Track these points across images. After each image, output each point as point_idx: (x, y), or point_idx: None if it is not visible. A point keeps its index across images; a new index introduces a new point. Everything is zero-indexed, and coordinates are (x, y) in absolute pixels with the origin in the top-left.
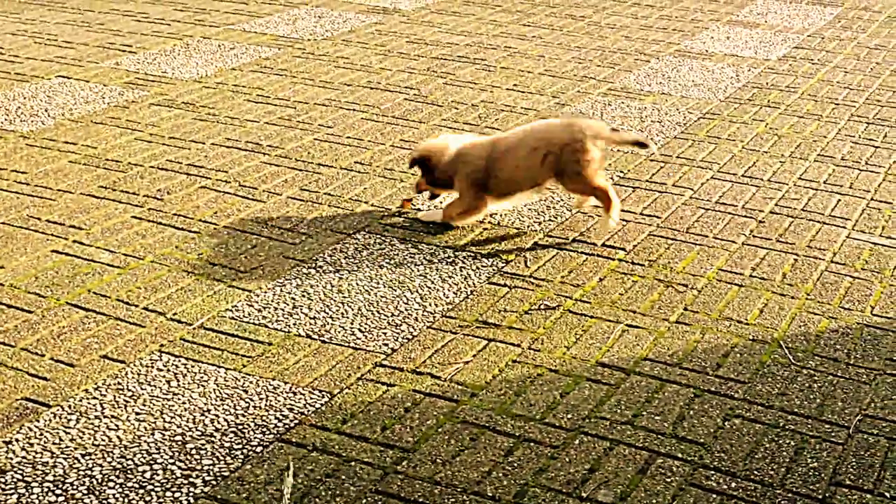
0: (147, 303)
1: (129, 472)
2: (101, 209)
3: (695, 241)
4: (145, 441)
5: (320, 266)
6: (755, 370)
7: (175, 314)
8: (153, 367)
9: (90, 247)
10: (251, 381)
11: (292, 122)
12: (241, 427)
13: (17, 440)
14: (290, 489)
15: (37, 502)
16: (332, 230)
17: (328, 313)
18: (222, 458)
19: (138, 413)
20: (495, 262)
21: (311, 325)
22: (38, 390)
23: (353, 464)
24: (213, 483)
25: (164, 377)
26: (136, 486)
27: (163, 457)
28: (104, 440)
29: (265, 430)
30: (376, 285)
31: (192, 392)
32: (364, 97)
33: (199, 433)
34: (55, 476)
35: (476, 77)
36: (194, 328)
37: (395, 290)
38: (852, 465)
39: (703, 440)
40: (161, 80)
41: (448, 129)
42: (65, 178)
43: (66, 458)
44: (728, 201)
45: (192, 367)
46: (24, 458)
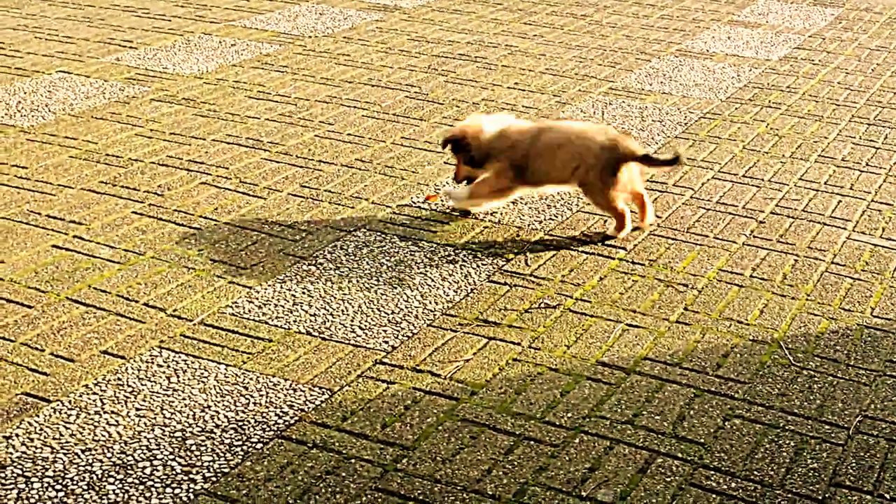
0: (147, 298)
1: (129, 467)
2: (101, 204)
3: (695, 241)
4: (145, 437)
5: (320, 263)
6: (755, 370)
7: (175, 310)
8: (153, 363)
9: (90, 242)
10: (251, 378)
11: (293, 118)
12: (241, 424)
13: (17, 435)
14: None
15: (37, 497)
16: (332, 227)
17: (328, 310)
18: (222, 454)
19: (138, 409)
20: (496, 261)
21: (311, 321)
22: (37, 385)
23: (353, 461)
24: (213, 479)
25: (165, 373)
26: (136, 481)
27: (163, 453)
28: (104, 436)
29: (265, 426)
30: (377, 283)
31: (193, 388)
32: (365, 94)
33: (199, 429)
34: (55, 471)
35: (477, 75)
36: (194, 324)
37: (396, 288)
38: (852, 466)
39: (703, 440)
40: (162, 76)
41: (449, 127)
42: (65, 174)
43: (65, 454)
44: (729, 201)
45: (193, 363)
46: (23, 453)
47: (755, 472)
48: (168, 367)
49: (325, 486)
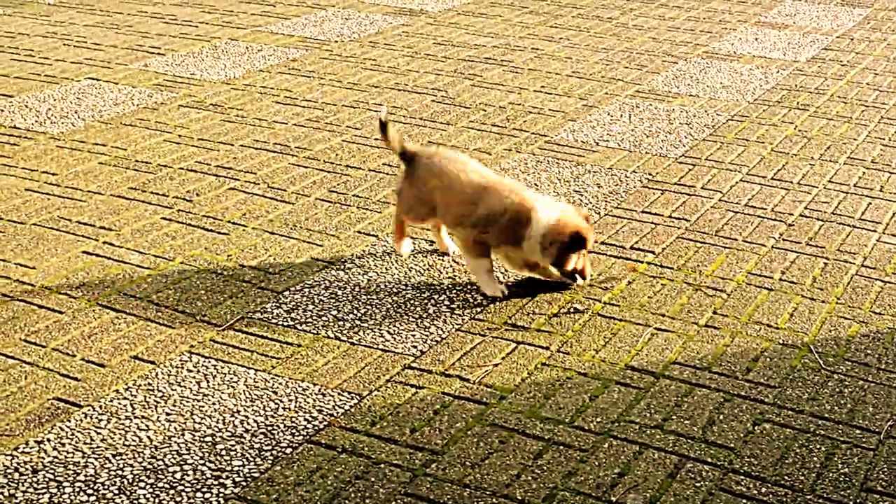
0: (177, 304)
1: (160, 472)
2: (130, 210)
3: (724, 244)
4: (176, 442)
5: (349, 268)
6: (785, 375)
7: (204, 315)
8: (183, 367)
9: (120, 248)
10: (280, 383)
11: (320, 123)
12: (270, 428)
13: (49, 440)
14: None
15: (68, 502)
16: (360, 232)
17: (357, 315)
18: (252, 459)
19: (168, 414)
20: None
21: (339, 326)
22: (69, 390)
23: (382, 466)
24: (244, 484)
25: (194, 378)
26: (167, 486)
27: (193, 457)
28: (135, 440)
29: (294, 431)
30: (405, 287)
31: (222, 393)
32: (391, 99)
33: (229, 434)
34: (86, 476)
35: (503, 79)
36: (223, 329)
37: (424, 292)
38: (883, 470)
39: (732, 445)
40: (189, 82)
41: (475, 131)
42: (95, 180)
43: (97, 458)
44: (757, 204)
45: (222, 368)
46: (55, 457)
47: (785, 477)
48: (198, 371)
49: (354, 491)
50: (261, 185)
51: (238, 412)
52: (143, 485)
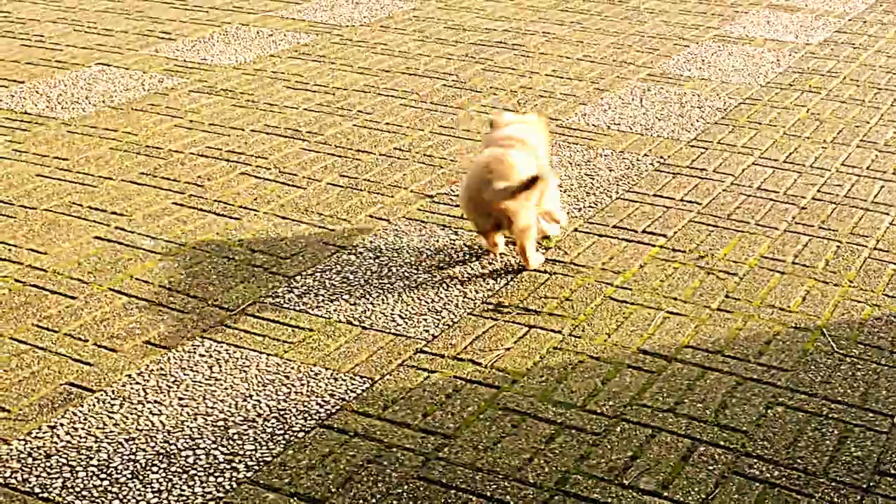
0: (188, 289)
1: (173, 456)
2: (142, 195)
3: (736, 227)
4: (188, 426)
5: (360, 252)
6: (798, 358)
7: (216, 300)
8: (195, 352)
9: (132, 233)
10: (292, 367)
11: (331, 108)
12: (282, 412)
13: (62, 425)
14: None
15: (81, 486)
16: (371, 216)
17: (368, 299)
18: (264, 443)
19: (181, 398)
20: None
21: (351, 311)
22: (81, 375)
23: (394, 450)
24: (256, 468)
25: (207, 363)
26: (180, 470)
27: (205, 442)
28: (147, 425)
29: (307, 415)
30: (416, 271)
31: (234, 378)
32: (402, 83)
33: (242, 418)
34: (99, 460)
35: (514, 63)
36: (235, 314)
37: (436, 276)
38: None
39: (745, 428)
40: (200, 67)
41: (486, 115)
42: (106, 165)
43: (109, 443)
44: (770, 187)
45: (234, 352)
46: (68, 442)
47: (798, 461)
48: (210, 356)
49: (366, 475)
50: (272, 170)
51: (250, 396)
52: (155, 469)
